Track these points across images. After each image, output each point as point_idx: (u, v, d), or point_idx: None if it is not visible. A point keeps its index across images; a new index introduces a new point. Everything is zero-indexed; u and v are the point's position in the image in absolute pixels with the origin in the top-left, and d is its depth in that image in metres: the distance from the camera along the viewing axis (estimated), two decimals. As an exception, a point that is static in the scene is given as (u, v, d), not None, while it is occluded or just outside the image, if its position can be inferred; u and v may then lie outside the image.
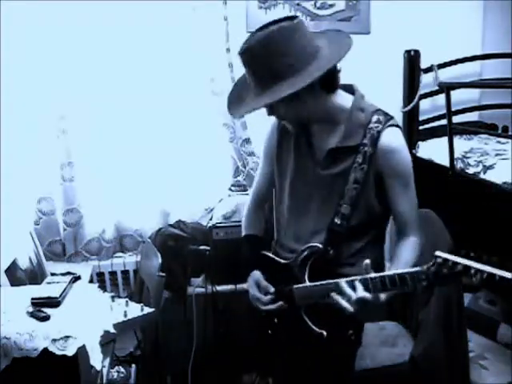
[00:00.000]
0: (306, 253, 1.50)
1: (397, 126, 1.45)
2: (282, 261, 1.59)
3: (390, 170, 1.43)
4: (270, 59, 1.32)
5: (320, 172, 1.49)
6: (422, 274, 1.21)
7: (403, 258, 1.45)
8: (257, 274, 1.62)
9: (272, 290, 1.56)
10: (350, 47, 1.36)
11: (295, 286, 1.50)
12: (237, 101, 1.47)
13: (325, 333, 1.44)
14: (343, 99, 1.47)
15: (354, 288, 1.32)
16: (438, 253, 1.10)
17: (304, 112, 1.44)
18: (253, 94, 1.39)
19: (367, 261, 1.32)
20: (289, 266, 1.55)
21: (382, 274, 1.31)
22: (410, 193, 1.47)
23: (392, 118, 1.46)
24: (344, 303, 1.32)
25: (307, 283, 1.48)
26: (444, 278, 1.15)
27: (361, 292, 1.30)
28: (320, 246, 1.47)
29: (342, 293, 1.34)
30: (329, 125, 1.48)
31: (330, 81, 1.40)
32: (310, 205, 1.53)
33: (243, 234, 1.77)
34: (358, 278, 1.32)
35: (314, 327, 1.46)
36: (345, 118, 1.45)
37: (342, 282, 1.34)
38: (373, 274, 1.31)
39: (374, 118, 1.43)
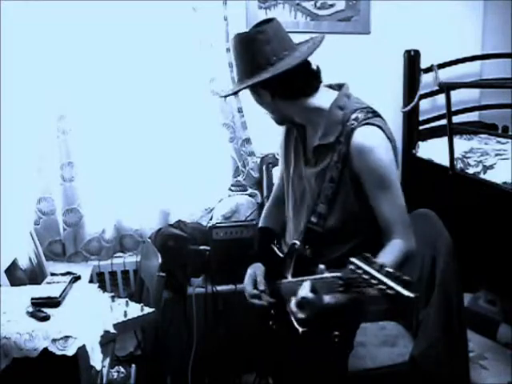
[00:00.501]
0: (289, 250, 1.51)
1: (376, 124, 1.39)
2: (280, 254, 1.62)
3: (365, 169, 1.38)
4: (240, 60, 1.47)
5: (309, 170, 1.51)
6: (339, 279, 1.07)
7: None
8: (259, 267, 1.62)
9: (262, 288, 1.55)
10: (308, 54, 1.41)
11: (280, 281, 1.50)
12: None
13: (301, 329, 1.31)
14: (324, 99, 1.46)
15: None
16: (352, 259, 1.05)
17: (276, 112, 1.51)
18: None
19: (321, 266, 1.19)
20: (282, 261, 1.57)
21: (316, 276, 1.19)
22: (390, 194, 1.39)
23: (375, 116, 1.41)
24: (292, 305, 1.24)
25: (289, 279, 1.46)
26: (351, 285, 1.01)
27: (304, 291, 1.18)
28: (298, 243, 1.47)
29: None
30: (314, 125, 1.49)
31: (297, 85, 1.42)
32: (304, 203, 1.55)
33: (259, 226, 1.81)
34: (311, 278, 1.21)
35: (294, 323, 1.34)
36: (325, 116, 1.45)
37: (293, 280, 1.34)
38: (314, 276, 1.20)
39: (354, 115, 1.40)
